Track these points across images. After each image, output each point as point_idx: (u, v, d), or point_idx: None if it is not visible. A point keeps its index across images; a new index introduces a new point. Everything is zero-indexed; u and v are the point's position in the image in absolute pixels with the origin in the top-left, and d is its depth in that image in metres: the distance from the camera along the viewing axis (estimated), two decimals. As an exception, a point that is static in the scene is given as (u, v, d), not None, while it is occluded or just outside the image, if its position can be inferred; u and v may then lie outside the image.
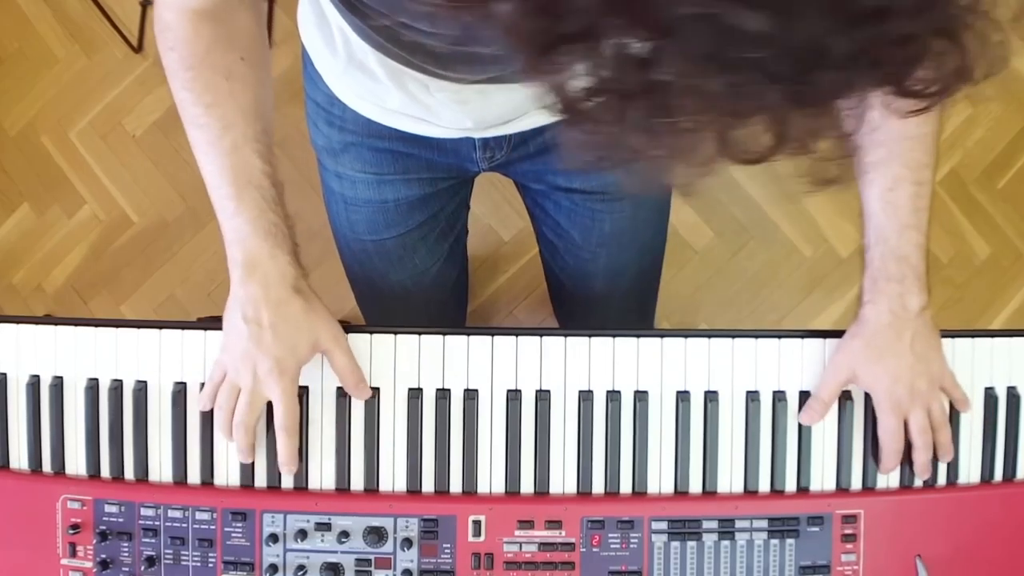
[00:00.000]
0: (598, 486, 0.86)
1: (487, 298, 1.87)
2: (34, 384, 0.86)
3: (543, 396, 0.86)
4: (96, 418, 0.86)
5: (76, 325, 0.87)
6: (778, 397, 0.86)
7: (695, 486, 0.86)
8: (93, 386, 0.86)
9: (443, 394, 0.86)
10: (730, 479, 0.86)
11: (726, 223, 1.86)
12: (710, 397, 0.86)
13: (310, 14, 0.88)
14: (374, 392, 0.86)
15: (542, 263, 1.22)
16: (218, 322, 0.84)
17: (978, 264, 1.86)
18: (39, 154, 1.92)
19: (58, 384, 0.86)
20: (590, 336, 0.87)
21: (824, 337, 0.87)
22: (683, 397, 0.86)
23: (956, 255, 1.85)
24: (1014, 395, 0.88)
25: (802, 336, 0.88)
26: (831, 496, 0.85)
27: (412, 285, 1.11)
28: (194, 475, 0.86)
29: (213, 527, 0.83)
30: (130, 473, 0.86)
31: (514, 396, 0.86)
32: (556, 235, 1.11)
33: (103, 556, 0.83)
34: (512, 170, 1.05)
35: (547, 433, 0.86)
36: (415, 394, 0.86)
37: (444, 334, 0.87)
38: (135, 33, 1.91)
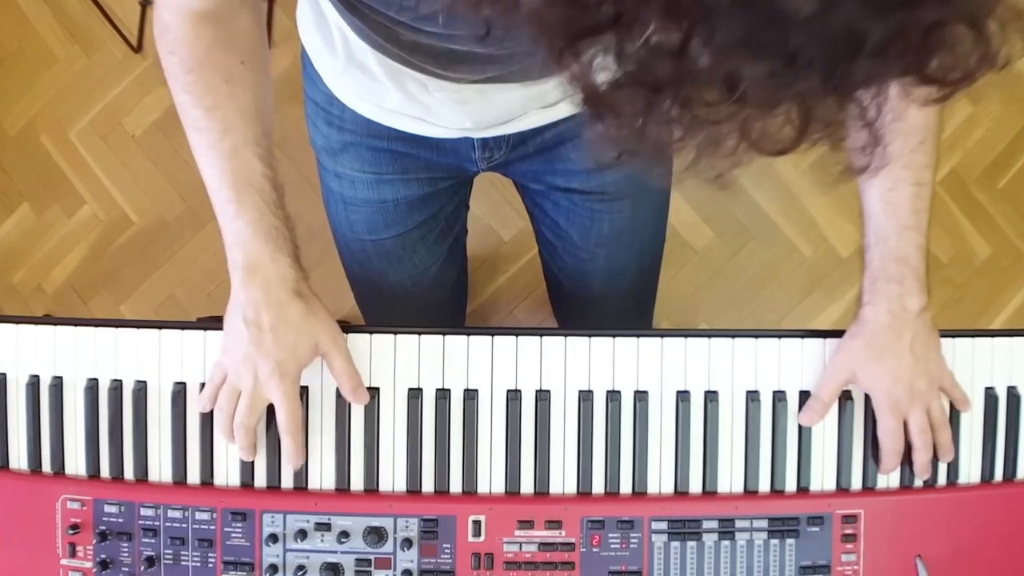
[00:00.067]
0: (598, 486, 0.86)
1: (487, 298, 1.86)
2: (34, 384, 0.86)
3: (543, 396, 0.86)
4: (96, 418, 0.86)
5: (76, 325, 0.87)
6: (778, 397, 0.86)
7: (695, 486, 0.86)
8: (93, 386, 0.86)
9: (443, 394, 0.86)
10: (730, 479, 0.86)
11: (726, 223, 1.86)
12: (710, 397, 0.86)
13: (309, 14, 0.88)
14: (374, 392, 0.86)
15: (541, 263, 1.22)
16: (218, 322, 0.84)
17: (978, 264, 1.86)
18: (39, 154, 1.92)
19: (58, 384, 0.86)
20: (590, 336, 0.87)
21: (824, 337, 0.87)
22: (683, 397, 0.86)
23: (956, 255, 1.85)
24: (1014, 395, 0.88)
25: (802, 336, 0.87)
26: (831, 496, 0.85)
27: (411, 285, 1.11)
28: (194, 475, 0.85)
29: (213, 527, 0.83)
30: (130, 473, 0.86)
31: (514, 396, 0.86)
32: (555, 235, 1.11)
33: (103, 556, 0.83)
34: (511, 170, 1.05)
35: (547, 433, 0.86)
36: (415, 394, 0.86)
37: (444, 334, 0.87)
38: (135, 33, 1.90)
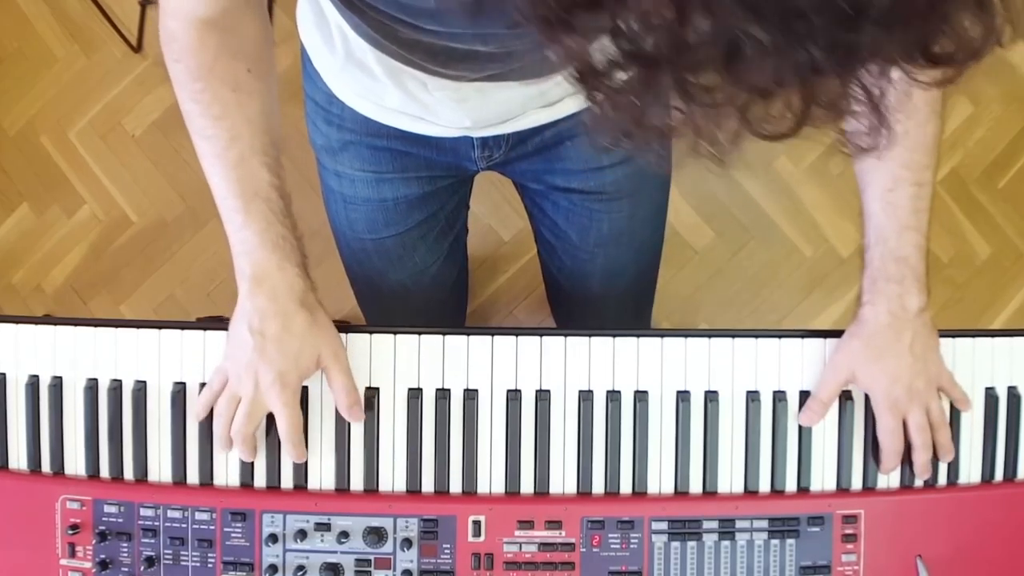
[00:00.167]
0: (598, 486, 0.85)
1: (487, 298, 1.86)
2: (33, 384, 0.86)
3: (543, 396, 0.86)
4: (95, 418, 0.86)
5: (75, 325, 0.87)
6: (778, 397, 0.86)
7: (695, 486, 0.86)
8: (92, 386, 0.86)
9: (443, 394, 0.86)
10: (730, 479, 0.86)
11: (726, 223, 1.86)
12: (710, 397, 0.86)
13: (309, 13, 0.88)
14: (374, 392, 0.86)
15: (540, 264, 1.22)
16: (217, 322, 0.84)
17: (979, 264, 1.85)
18: (38, 154, 1.92)
19: (57, 384, 0.86)
20: (590, 336, 0.87)
21: (824, 337, 0.87)
22: (683, 397, 0.86)
23: (957, 255, 1.85)
24: (1015, 395, 0.87)
25: (802, 336, 0.87)
26: (831, 496, 0.85)
27: (412, 284, 1.11)
28: (193, 475, 0.85)
29: (212, 527, 0.83)
30: (129, 473, 0.86)
31: (514, 396, 0.86)
32: (554, 235, 1.11)
33: (102, 556, 0.83)
34: (510, 169, 1.05)
35: (547, 433, 0.85)
36: (415, 394, 0.86)
37: (444, 334, 0.87)
38: (134, 33, 1.90)
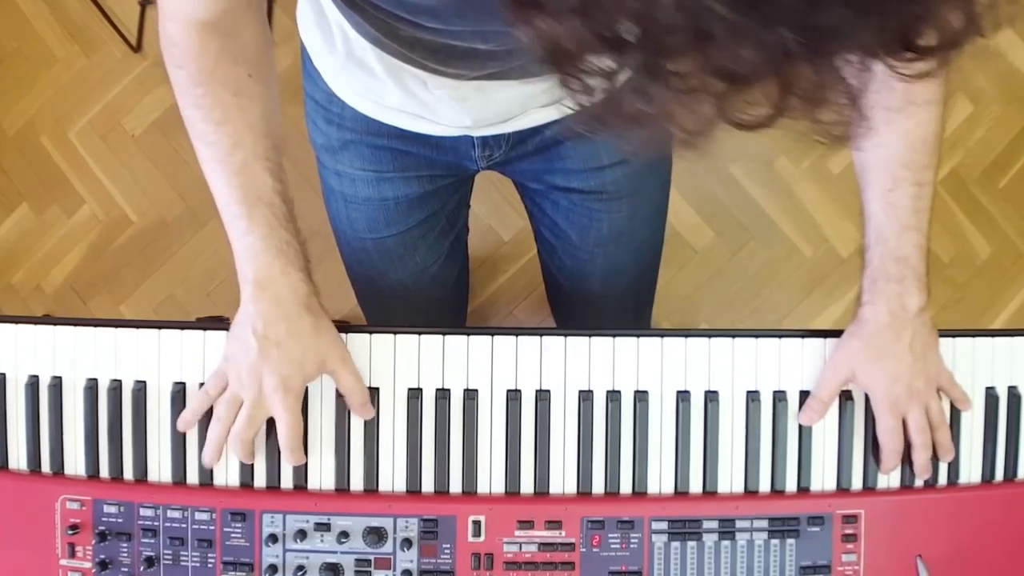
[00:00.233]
0: (598, 486, 0.85)
1: (487, 298, 1.86)
2: (33, 384, 0.86)
3: (543, 396, 0.86)
4: (95, 418, 0.86)
5: (75, 325, 0.87)
6: (778, 397, 0.86)
7: (695, 486, 0.86)
8: (92, 386, 0.86)
9: (443, 394, 0.86)
10: (730, 479, 0.86)
11: (726, 223, 1.86)
12: (710, 397, 0.86)
13: (309, 12, 0.88)
14: (374, 392, 0.85)
15: (540, 263, 1.22)
16: (217, 322, 0.84)
17: (979, 264, 1.85)
18: (38, 154, 1.92)
19: (57, 384, 0.86)
20: (590, 336, 0.87)
21: (825, 337, 0.87)
22: (683, 397, 0.86)
23: (957, 255, 1.85)
24: (1015, 395, 0.87)
25: (802, 336, 0.87)
26: (832, 496, 0.85)
27: (412, 284, 1.11)
28: (193, 475, 0.85)
29: (212, 527, 0.83)
30: (129, 473, 0.86)
31: (514, 396, 0.86)
32: (554, 235, 1.11)
33: (102, 556, 0.83)
34: (511, 169, 1.05)
35: (547, 433, 0.85)
36: (415, 394, 0.86)
37: (444, 334, 0.87)
38: (134, 33, 1.90)
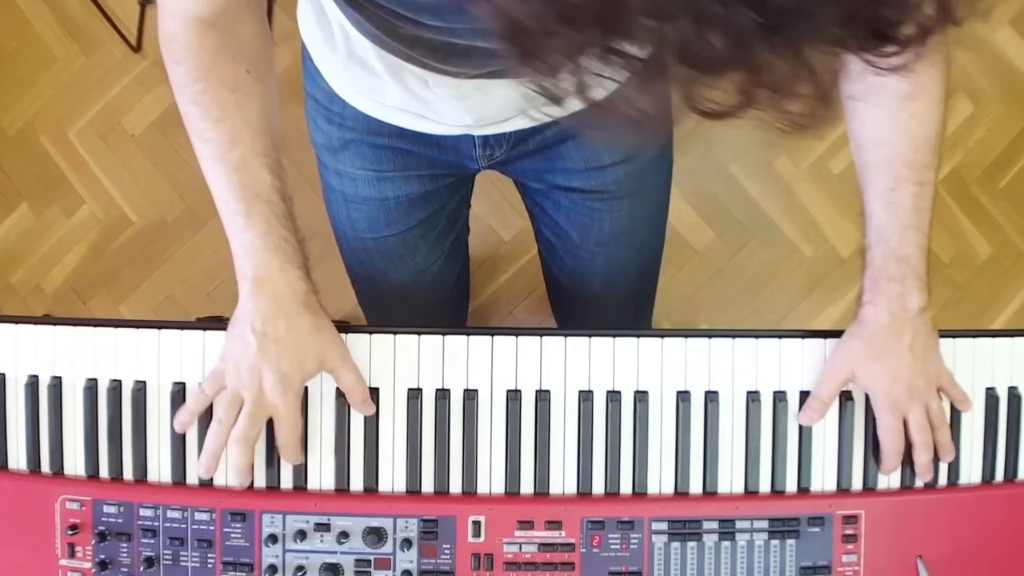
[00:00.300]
0: (598, 486, 0.85)
1: (487, 298, 1.86)
2: (33, 384, 0.86)
3: (543, 396, 0.86)
4: (95, 418, 0.86)
5: (75, 325, 0.86)
6: (779, 397, 0.86)
7: (695, 486, 0.86)
8: (92, 386, 0.86)
9: (443, 394, 0.86)
10: (730, 479, 0.86)
11: (726, 223, 1.86)
12: (710, 397, 0.86)
13: (310, 11, 0.88)
14: (374, 392, 0.85)
15: (540, 263, 1.22)
16: (217, 322, 0.84)
17: (979, 264, 1.85)
18: (38, 154, 1.92)
19: (57, 384, 0.86)
20: (590, 336, 0.86)
21: (825, 337, 0.87)
22: (683, 397, 0.86)
23: (957, 255, 1.85)
24: (1015, 395, 0.87)
25: (803, 336, 0.87)
26: (832, 496, 0.85)
27: (413, 284, 1.11)
28: (193, 475, 0.85)
29: (212, 528, 0.83)
30: (129, 473, 0.85)
31: (514, 396, 0.86)
32: (555, 235, 1.11)
33: (102, 557, 0.83)
34: (512, 168, 1.05)
35: (547, 433, 0.85)
36: (415, 394, 0.85)
37: (444, 334, 0.86)
38: (134, 32, 1.90)
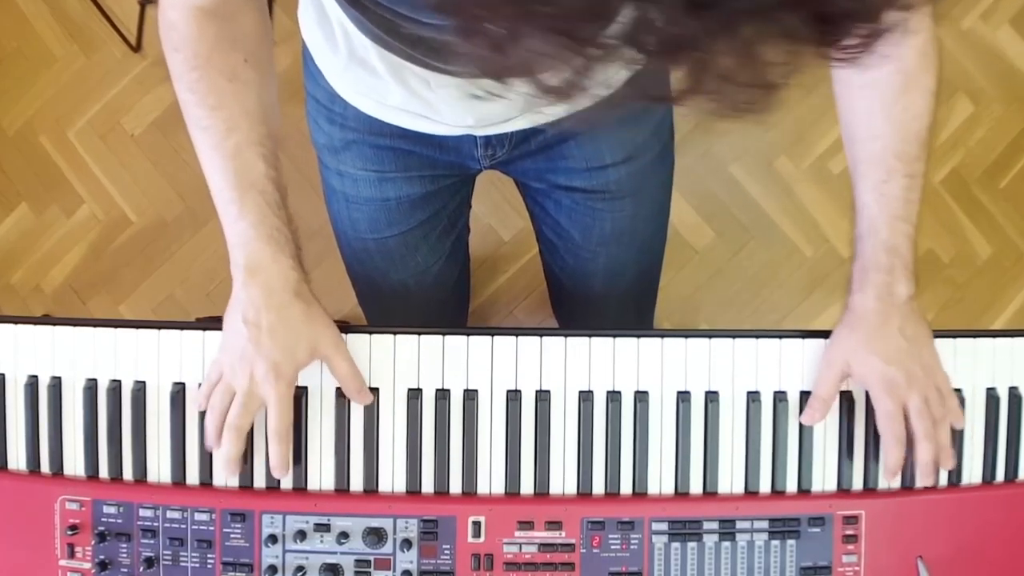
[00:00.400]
0: (598, 487, 0.85)
1: (487, 298, 1.86)
2: (32, 384, 0.86)
3: (543, 396, 0.85)
4: (94, 418, 0.86)
5: (74, 325, 0.86)
6: (779, 397, 0.86)
7: (696, 487, 0.85)
8: (91, 386, 0.86)
9: (443, 394, 0.86)
10: (731, 480, 0.85)
11: (726, 223, 1.86)
12: (711, 397, 0.86)
13: (311, 10, 0.88)
14: (373, 392, 0.85)
15: (541, 262, 1.22)
16: (217, 322, 0.84)
17: (980, 264, 1.85)
18: (37, 154, 1.92)
19: (56, 384, 0.86)
20: (590, 336, 0.86)
21: (825, 337, 0.87)
22: (684, 397, 0.86)
23: (957, 255, 1.85)
24: (1015, 395, 0.87)
25: (803, 336, 0.87)
26: (832, 497, 0.85)
27: (413, 284, 1.11)
28: (193, 476, 0.85)
29: (212, 528, 0.83)
30: (128, 474, 0.85)
31: (514, 396, 0.86)
32: (556, 234, 1.11)
33: (101, 557, 0.83)
34: (513, 168, 1.05)
35: (547, 433, 0.85)
36: (414, 394, 0.85)
37: (444, 334, 0.86)
38: (134, 32, 1.90)
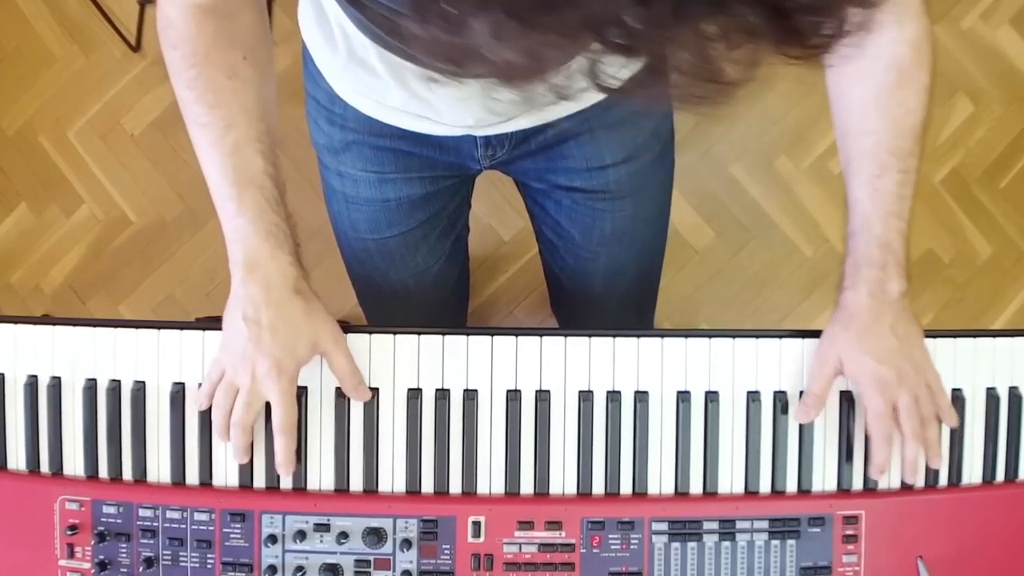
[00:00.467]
0: (598, 487, 0.85)
1: (487, 298, 1.86)
2: (32, 384, 0.86)
3: (543, 396, 0.85)
4: (94, 418, 0.86)
5: (74, 325, 0.86)
6: (779, 397, 0.86)
7: (696, 487, 0.85)
8: (91, 386, 0.86)
9: (442, 394, 0.86)
10: (731, 480, 0.85)
11: (726, 223, 1.86)
12: (711, 397, 0.86)
13: (310, 10, 0.88)
14: (373, 392, 0.85)
15: (542, 262, 1.22)
16: (217, 322, 0.84)
17: (980, 264, 1.85)
18: (37, 154, 1.92)
19: (56, 384, 0.86)
20: (590, 336, 0.86)
21: (825, 337, 0.87)
22: (684, 397, 0.86)
23: (958, 255, 1.85)
24: (1016, 395, 0.87)
25: (803, 336, 0.87)
26: (832, 497, 0.85)
27: (413, 284, 1.11)
28: (192, 476, 0.85)
29: (212, 528, 0.83)
30: (128, 474, 0.85)
31: (514, 396, 0.86)
32: (556, 234, 1.11)
33: (101, 557, 0.83)
34: (513, 168, 1.04)
35: (547, 433, 0.85)
36: (414, 394, 0.85)
37: (443, 334, 0.86)
38: (133, 32, 1.90)
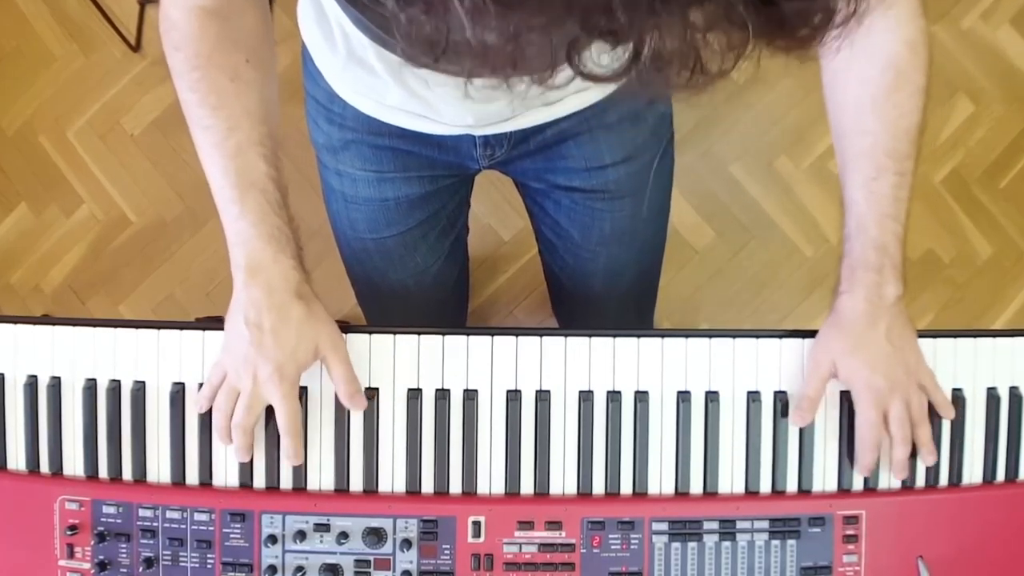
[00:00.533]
0: (598, 487, 0.85)
1: (487, 298, 1.86)
2: (32, 384, 0.86)
3: (543, 396, 0.85)
4: (94, 418, 0.85)
5: (74, 325, 0.86)
6: (779, 397, 0.86)
7: (696, 487, 0.85)
8: (91, 386, 0.86)
9: (442, 394, 0.86)
10: (731, 480, 0.85)
11: (726, 223, 1.86)
12: (711, 397, 0.86)
13: (310, 10, 0.88)
14: (373, 392, 0.85)
15: (541, 263, 1.22)
16: (217, 322, 0.84)
17: (980, 264, 1.85)
18: (37, 153, 1.92)
19: (56, 384, 0.86)
20: (590, 336, 0.86)
21: (826, 337, 0.87)
22: (684, 397, 0.86)
23: (958, 255, 1.85)
24: (1016, 395, 0.87)
25: (803, 336, 0.87)
26: (832, 497, 0.85)
27: (413, 284, 1.11)
28: (192, 476, 0.85)
29: (212, 528, 0.83)
30: (128, 474, 0.85)
31: (514, 396, 0.85)
32: (556, 234, 1.11)
33: (101, 557, 0.83)
34: (512, 168, 1.04)
35: (547, 433, 0.85)
36: (414, 394, 0.85)
37: (443, 334, 0.86)
38: (133, 32, 1.90)
